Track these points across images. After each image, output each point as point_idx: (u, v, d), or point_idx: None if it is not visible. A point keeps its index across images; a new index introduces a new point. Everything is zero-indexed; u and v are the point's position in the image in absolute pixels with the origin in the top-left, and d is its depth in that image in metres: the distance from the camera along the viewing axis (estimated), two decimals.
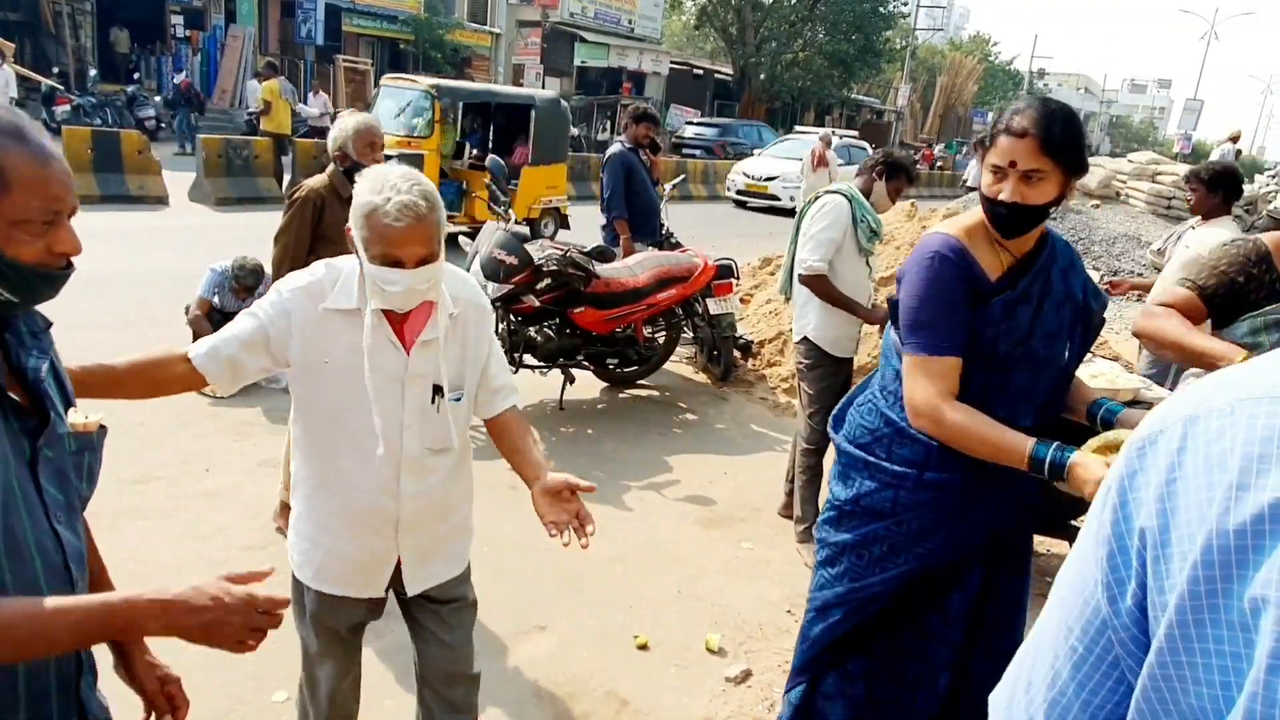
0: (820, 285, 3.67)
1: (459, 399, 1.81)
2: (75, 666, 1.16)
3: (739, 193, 17.56)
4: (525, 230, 5.26)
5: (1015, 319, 1.81)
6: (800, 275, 3.74)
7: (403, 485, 1.78)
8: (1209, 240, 3.93)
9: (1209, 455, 0.64)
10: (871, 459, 1.95)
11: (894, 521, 1.93)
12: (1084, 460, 1.60)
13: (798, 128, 23.97)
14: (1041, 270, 1.85)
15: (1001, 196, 1.75)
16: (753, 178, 17.47)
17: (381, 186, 1.61)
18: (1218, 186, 4.21)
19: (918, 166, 22.38)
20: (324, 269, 1.75)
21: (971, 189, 15.38)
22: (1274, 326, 2.04)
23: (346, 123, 3.36)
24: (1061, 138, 1.72)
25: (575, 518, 1.69)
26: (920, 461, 1.88)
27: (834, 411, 2.16)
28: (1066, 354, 1.88)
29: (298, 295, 1.71)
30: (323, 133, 14.43)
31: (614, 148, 5.98)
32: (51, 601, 1.01)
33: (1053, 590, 0.79)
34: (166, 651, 1.35)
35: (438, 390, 1.77)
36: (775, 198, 16.81)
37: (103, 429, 1.19)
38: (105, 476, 1.57)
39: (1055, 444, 1.64)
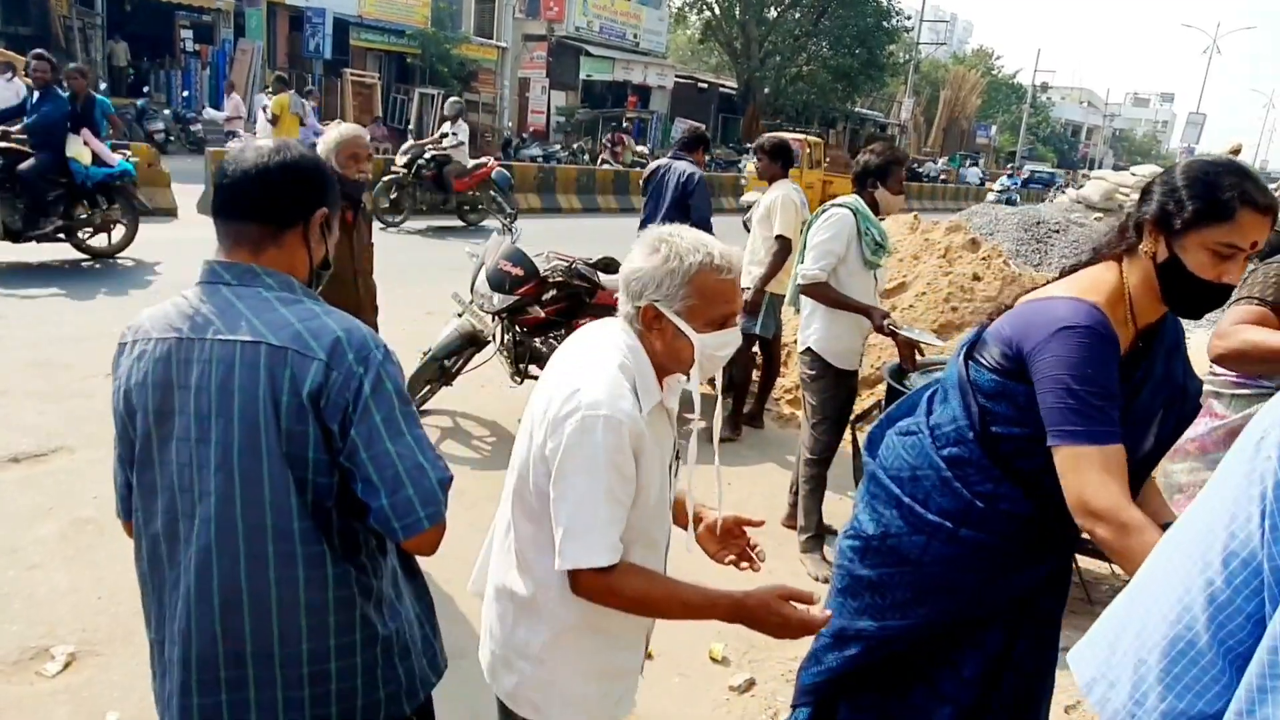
0: (820, 291, 3.69)
1: None
2: None
3: None
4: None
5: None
6: (800, 284, 3.78)
7: (668, 566, 1.65)
8: (783, 196, 4.96)
9: None
10: (905, 498, 1.82)
11: (919, 570, 1.80)
12: None
13: None
14: (1154, 355, 1.68)
15: (1230, 280, 1.53)
16: None
17: (690, 246, 1.43)
18: (777, 156, 5.11)
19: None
20: (619, 374, 1.44)
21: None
22: None
23: (330, 135, 3.35)
24: None
25: (745, 550, 1.68)
26: (958, 516, 1.74)
27: (869, 431, 2.05)
28: (1152, 444, 1.69)
29: (635, 419, 1.41)
30: (230, 137, 14.46)
31: (692, 169, 5.71)
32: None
33: (1165, 545, 0.78)
34: None
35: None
36: None
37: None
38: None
39: None
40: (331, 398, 1.27)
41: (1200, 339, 2.74)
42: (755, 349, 5.41)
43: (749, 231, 5.45)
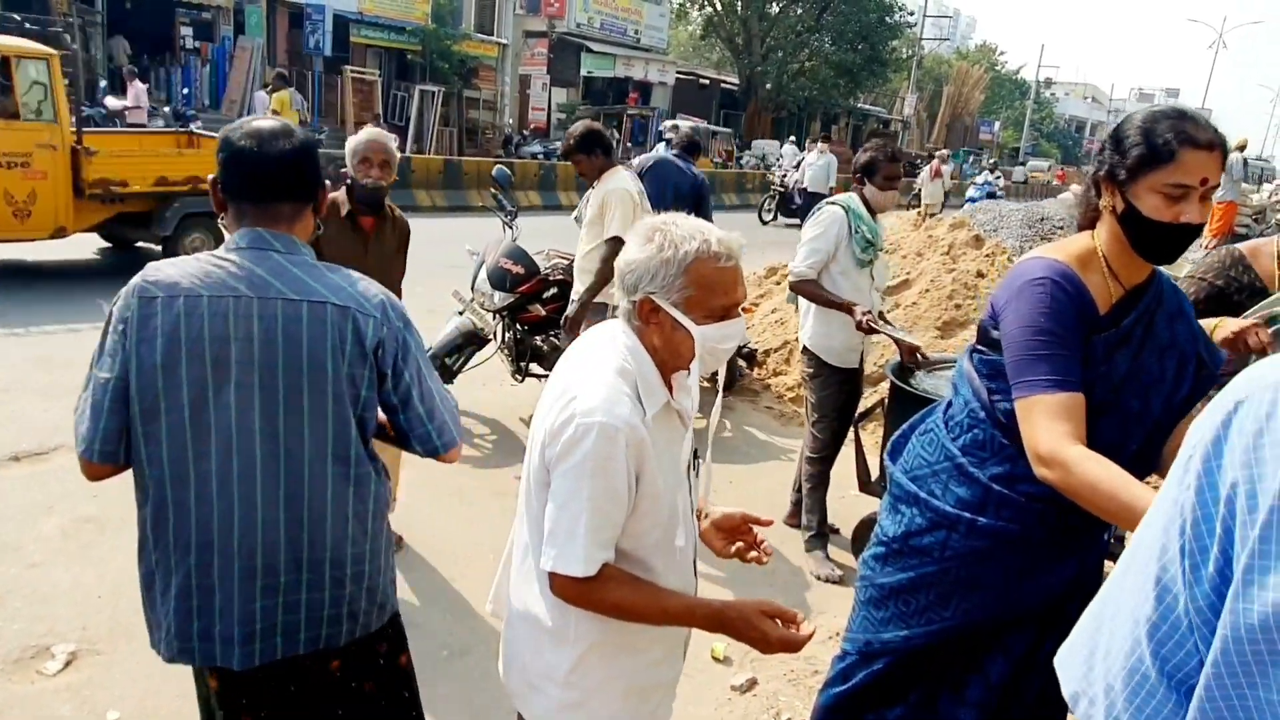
0: (806, 289, 3.68)
1: None
2: None
3: None
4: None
5: (1113, 363, 1.62)
6: (789, 282, 3.77)
7: (698, 572, 1.62)
8: (617, 189, 4.20)
9: None
10: (923, 494, 1.81)
11: (942, 568, 1.77)
12: None
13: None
14: (1147, 312, 1.66)
15: (1189, 219, 1.53)
16: None
17: (685, 234, 1.37)
18: (590, 147, 4.31)
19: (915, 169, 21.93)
20: (618, 379, 1.38)
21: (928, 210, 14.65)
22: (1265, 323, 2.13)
23: (350, 140, 3.44)
24: None
25: (752, 545, 1.62)
26: (976, 504, 1.72)
27: (892, 439, 2.03)
28: (1160, 409, 1.66)
29: (633, 426, 1.36)
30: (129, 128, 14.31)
31: (702, 174, 5.86)
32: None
33: (1125, 558, 0.77)
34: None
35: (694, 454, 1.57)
36: None
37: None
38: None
39: None
40: (386, 347, 1.57)
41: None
42: None
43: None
